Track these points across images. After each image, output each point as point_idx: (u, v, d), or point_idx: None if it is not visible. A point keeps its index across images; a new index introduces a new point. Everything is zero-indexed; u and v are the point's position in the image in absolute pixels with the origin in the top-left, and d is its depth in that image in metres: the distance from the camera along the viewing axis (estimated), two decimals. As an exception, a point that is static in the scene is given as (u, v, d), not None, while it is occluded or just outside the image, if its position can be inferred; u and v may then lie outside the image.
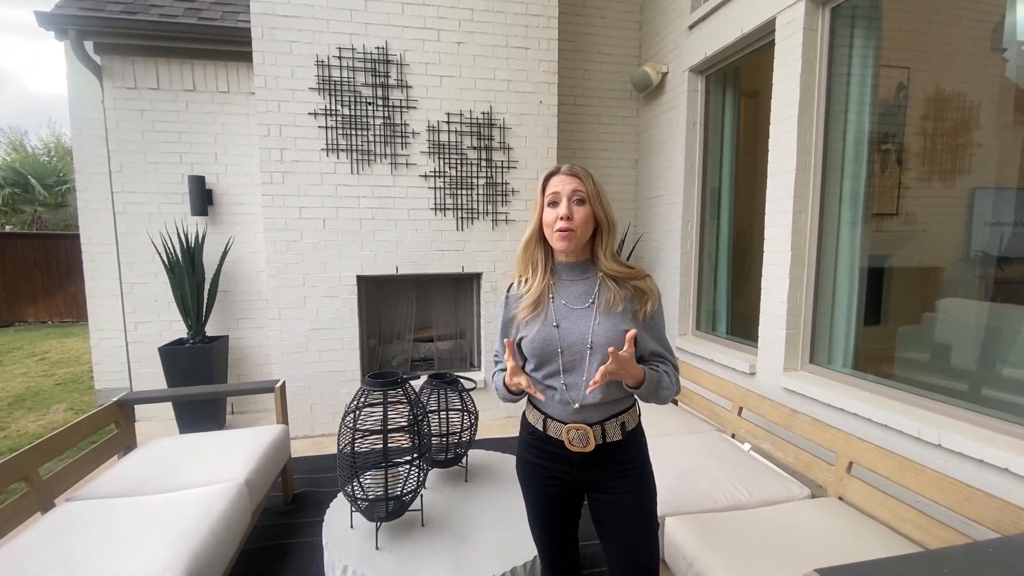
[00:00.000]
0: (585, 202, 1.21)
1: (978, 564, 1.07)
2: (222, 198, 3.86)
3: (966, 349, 2.56)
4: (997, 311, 2.53)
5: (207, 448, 2.27)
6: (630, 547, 1.24)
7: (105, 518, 1.71)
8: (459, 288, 4.01)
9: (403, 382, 1.67)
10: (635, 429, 1.29)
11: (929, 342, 2.74)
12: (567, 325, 1.23)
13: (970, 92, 2.83)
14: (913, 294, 2.98)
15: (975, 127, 2.84)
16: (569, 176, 1.23)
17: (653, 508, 1.28)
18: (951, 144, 2.89)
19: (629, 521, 1.24)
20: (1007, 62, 2.67)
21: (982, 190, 2.76)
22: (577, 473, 1.26)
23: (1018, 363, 2.26)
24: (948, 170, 2.91)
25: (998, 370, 2.33)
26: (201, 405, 3.51)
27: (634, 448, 1.27)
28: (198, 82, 3.73)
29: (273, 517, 2.50)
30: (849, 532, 1.59)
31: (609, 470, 1.24)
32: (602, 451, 1.23)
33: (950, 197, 2.90)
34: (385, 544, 1.62)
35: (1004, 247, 2.59)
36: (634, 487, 1.24)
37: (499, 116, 3.67)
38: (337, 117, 3.40)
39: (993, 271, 2.61)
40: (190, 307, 3.54)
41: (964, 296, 2.75)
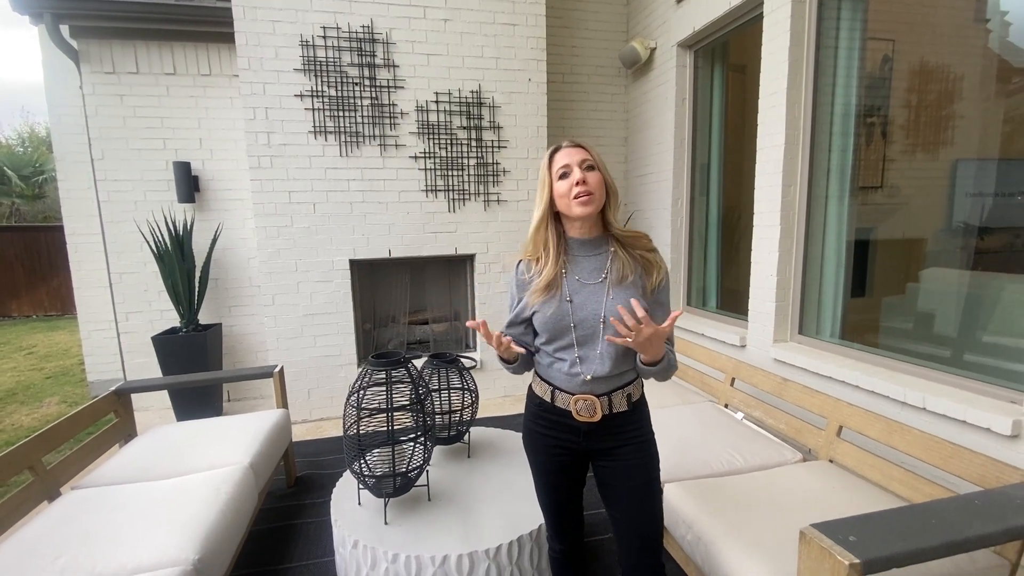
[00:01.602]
0: (595, 168, 1.23)
1: (965, 515, 1.14)
2: (209, 184, 3.80)
3: (948, 317, 2.64)
4: (977, 280, 2.61)
5: (209, 434, 2.28)
6: (634, 512, 1.28)
7: (114, 504, 1.72)
8: (452, 270, 4.02)
9: (406, 362, 1.69)
10: (639, 400, 1.32)
11: (913, 311, 2.82)
12: (580, 300, 1.25)
13: (953, 64, 2.86)
14: (898, 265, 3.04)
15: (958, 99, 2.88)
16: (574, 147, 1.25)
17: (656, 474, 1.32)
18: (935, 116, 2.92)
19: (633, 487, 1.28)
20: (990, 32, 2.70)
21: (965, 161, 2.81)
22: (583, 442, 1.29)
23: (996, 329, 2.34)
24: (932, 142, 2.95)
25: (978, 336, 2.41)
26: (198, 393, 3.51)
27: (638, 418, 1.31)
28: (179, 65, 3.64)
29: (278, 500, 2.53)
30: (840, 491, 1.66)
31: (614, 439, 1.28)
32: (608, 421, 1.27)
33: (933, 169, 2.95)
34: (393, 519, 1.66)
35: (985, 217, 2.65)
36: (638, 454, 1.29)
37: (488, 95, 3.63)
38: (324, 98, 3.35)
39: (974, 241, 2.68)
40: (182, 295, 3.51)
41: (946, 266, 2.82)
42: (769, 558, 1.35)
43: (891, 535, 1.06)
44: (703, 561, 1.50)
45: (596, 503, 1.38)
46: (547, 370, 1.31)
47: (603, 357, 1.24)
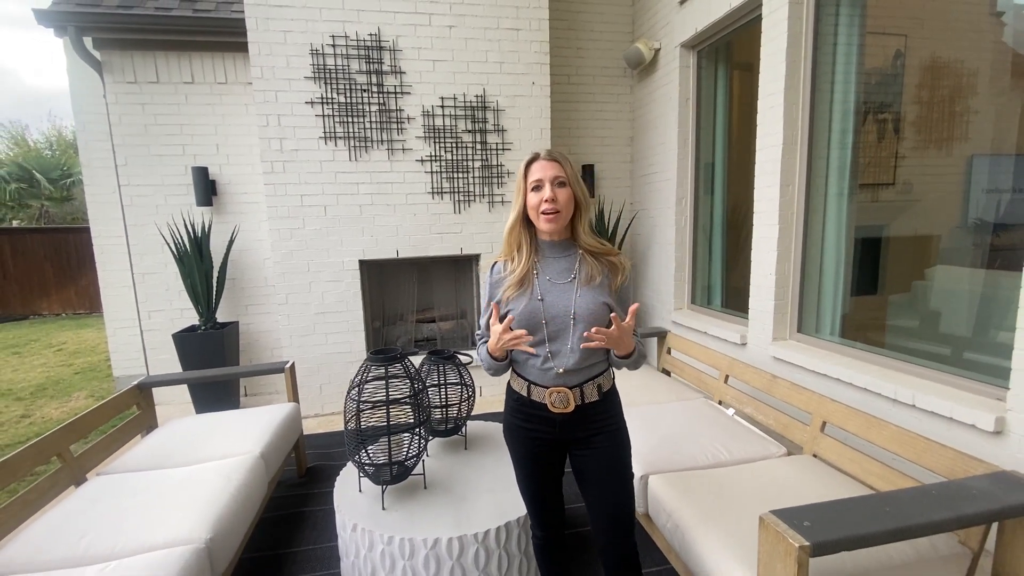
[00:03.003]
0: (566, 184, 1.31)
1: (919, 504, 1.19)
2: (225, 188, 3.97)
3: (953, 315, 2.64)
4: (986, 277, 2.60)
5: (223, 426, 2.42)
6: (607, 493, 1.37)
7: (134, 489, 1.86)
8: (459, 269, 4.12)
9: (402, 357, 1.79)
10: (610, 390, 1.40)
11: (918, 309, 2.82)
12: (551, 299, 1.34)
13: (967, 58, 2.84)
14: (907, 263, 3.03)
15: (972, 94, 2.86)
16: (549, 162, 1.32)
17: (628, 460, 1.40)
18: (948, 112, 2.91)
19: (606, 471, 1.36)
20: (1005, 26, 2.69)
21: (980, 157, 2.80)
22: (559, 432, 1.38)
23: (999, 326, 2.35)
24: (945, 138, 2.93)
25: (980, 334, 2.42)
26: (216, 388, 3.67)
27: (610, 407, 1.39)
28: (196, 74, 3.81)
29: (288, 489, 2.67)
30: (817, 484, 1.72)
31: (587, 428, 1.37)
32: (581, 411, 1.35)
33: (947, 165, 2.93)
34: (391, 505, 1.76)
35: (1001, 214, 2.65)
36: (610, 442, 1.37)
37: (492, 98, 3.72)
38: (333, 105, 3.48)
39: (989, 238, 2.68)
40: (200, 295, 3.67)
41: (959, 264, 2.81)
42: (738, 543, 1.42)
43: (843, 521, 1.13)
44: (680, 547, 1.57)
45: (578, 497, 1.46)
46: (522, 366, 1.39)
47: (573, 351, 1.32)
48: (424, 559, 1.58)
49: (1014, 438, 1.84)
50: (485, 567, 1.62)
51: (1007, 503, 1.17)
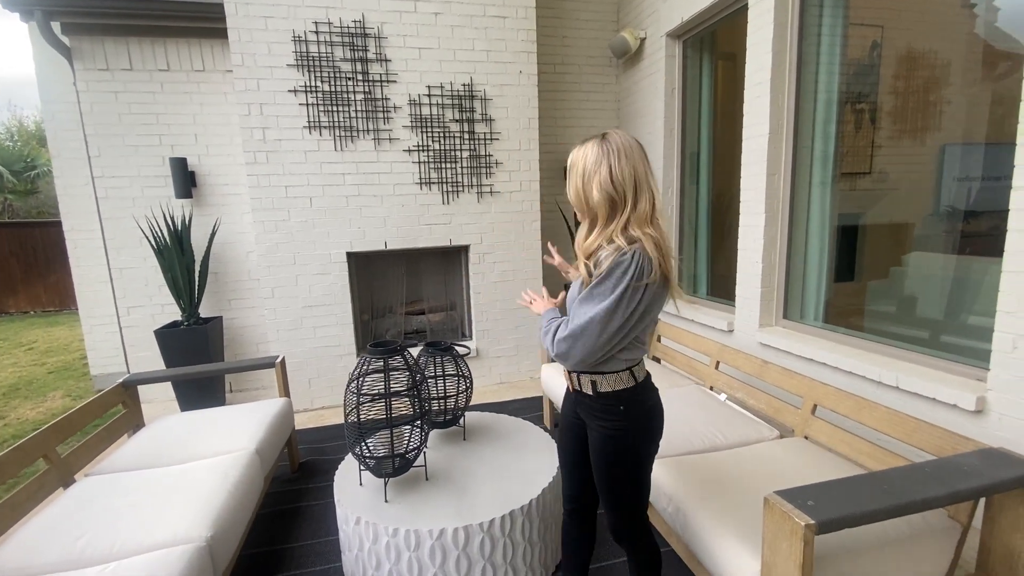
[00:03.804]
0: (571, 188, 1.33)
1: (914, 481, 1.24)
2: (205, 179, 3.86)
3: (929, 300, 2.73)
4: (960, 263, 2.69)
5: (215, 423, 2.38)
6: (600, 485, 1.41)
7: (127, 488, 1.82)
8: (448, 261, 4.10)
9: (402, 350, 1.78)
10: (609, 393, 1.32)
11: (896, 295, 2.91)
12: (572, 287, 1.42)
13: (941, 49, 2.91)
14: (884, 250, 3.11)
15: (945, 84, 2.94)
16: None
17: (619, 468, 1.35)
18: (922, 101, 2.98)
19: (595, 467, 1.40)
20: (976, 17, 2.75)
21: (951, 146, 2.88)
22: (577, 407, 1.44)
23: (972, 310, 2.44)
24: (920, 128, 3.00)
25: (956, 318, 2.51)
26: (201, 384, 3.60)
27: (605, 409, 1.33)
28: (172, 61, 3.67)
29: (282, 484, 2.64)
30: (812, 465, 1.77)
31: (588, 416, 1.40)
32: (579, 396, 1.41)
33: (921, 154, 3.01)
34: (393, 498, 1.76)
35: (972, 201, 2.73)
36: (600, 443, 1.36)
37: (480, 87, 3.69)
38: (317, 94, 3.40)
39: (961, 225, 2.77)
40: (182, 289, 3.58)
41: (932, 250, 2.90)
42: (739, 524, 1.45)
43: (845, 500, 1.17)
44: (682, 530, 1.61)
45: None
46: None
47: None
48: (430, 550, 1.59)
49: (994, 416, 1.92)
50: (491, 556, 1.63)
51: (997, 478, 1.23)
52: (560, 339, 1.28)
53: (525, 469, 1.91)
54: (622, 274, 1.20)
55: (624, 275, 1.19)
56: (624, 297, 1.20)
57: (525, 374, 4.09)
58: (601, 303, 1.21)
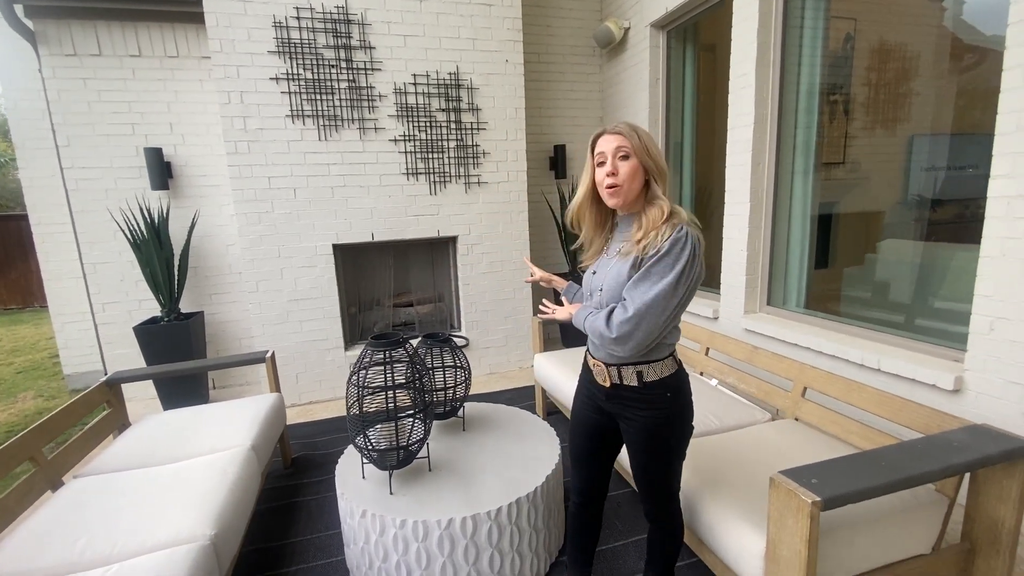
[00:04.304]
0: (629, 156, 1.27)
1: (909, 457, 1.30)
2: (182, 171, 3.73)
3: (903, 285, 2.85)
4: (930, 250, 2.80)
5: (206, 420, 2.33)
6: (639, 474, 1.43)
7: (121, 489, 1.77)
8: (435, 252, 4.07)
9: (404, 342, 1.77)
10: (656, 381, 1.32)
11: (871, 281, 3.02)
12: (600, 272, 1.38)
13: (911, 42, 3.00)
14: (858, 237, 3.22)
15: (915, 76, 3.03)
16: (613, 135, 1.29)
17: (666, 452, 1.37)
18: (893, 93, 3.07)
19: (639, 456, 1.40)
20: (945, 11, 2.85)
21: (920, 136, 2.98)
22: (606, 402, 1.41)
23: (946, 295, 2.55)
24: (890, 119, 3.10)
25: (929, 302, 2.63)
26: (184, 382, 3.51)
27: (653, 397, 1.32)
28: (144, 47, 3.52)
29: (276, 480, 2.61)
30: (805, 445, 1.84)
31: (625, 408, 1.37)
32: (619, 390, 1.36)
33: (892, 144, 3.11)
34: (397, 489, 1.76)
35: (938, 190, 2.84)
36: (645, 432, 1.35)
37: (466, 76, 3.65)
38: (300, 81, 3.31)
39: (928, 213, 2.88)
40: (161, 284, 3.47)
41: (903, 237, 3.01)
42: (742, 503, 1.51)
43: (846, 477, 1.22)
44: (687, 514, 1.65)
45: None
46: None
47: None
48: (438, 539, 1.59)
49: (971, 395, 2.03)
50: (498, 543, 1.65)
51: (985, 452, 1.30)
52: (622, 322, 1.22)
53: (527, 457, 1.93)
54: (680, 250, 1.20)
55: (683, 251, 1.20)
56: (684, 273, 1.20)
57: (515, 364, 4.11)
58: (662, 280, 1.20)
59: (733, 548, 1.44)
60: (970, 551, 1.48)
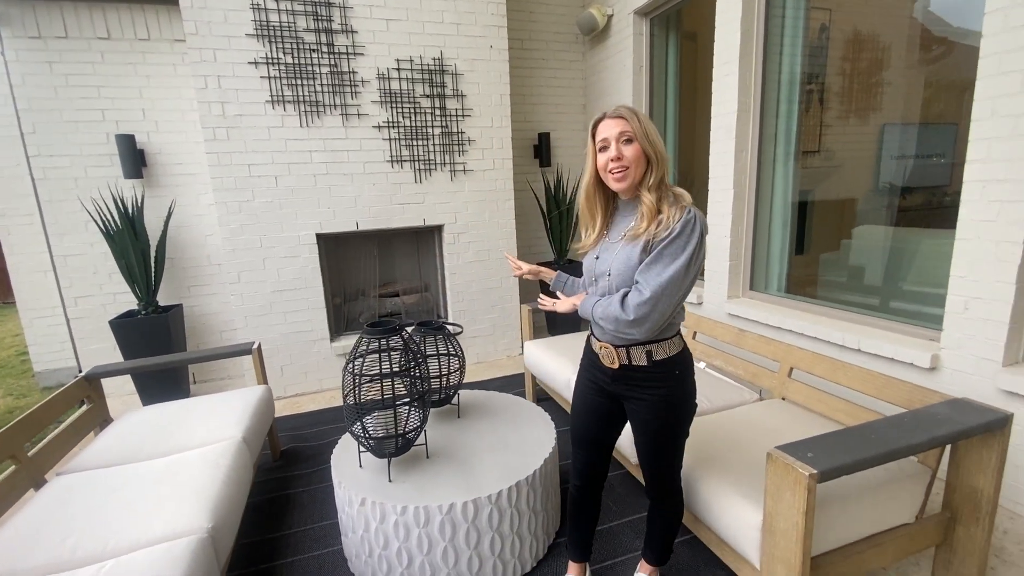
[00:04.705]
0: (633, 141, 1.27)
1: (897, 431, 1.36)
2: (156, 158, 3.60)
3: (877, 269, 2.94)
4: (901, 235, 2.90)
5: (193, 413, 2.28)
6: (648, 452, 1.45)
7: (110, 485, 1.73)
8: (421, 241, 4.03)
9: (400, 330, 1.76)
10: (665, 360, 1.34)
11: (847, 265, 3.11)
12: (604, 256, 1.38)
13: (883, 33, 3.08)
14: (834, 224, 3.31)
15: (886, 66, 3.11)
16: (614, 119, 1.29)
17: (671, 428, 1.40)
18: (866, 83, 3.15)
19: (646, 433, 1.42)
20: (915, 2, 2.92)
21: (890, 126, 3.07)
22: (612, 384, 1.43)
23: (917, 278, 2.65)
24: (863, 108, 3.18)
25: (902, 285, 2.72)
26: (164, 376, 3.42)
27: (662, 376, 1.35)
28: (113, 29, 3.37)
29: (266, 473, 2.57)
30: (793, 423, 1.90)
31: (633, 388, 1.39)
32: (627, 371, 1.38)
33: (864, 133, 3.19)
34: (396, 477, 1.75)
35: (907, 178, 2.94)
36: (652, 409, 1.37)
37: (450, 62, 3.60)
38: (280, 66, 3.22)
39: (898, 200, 2.98)
40: (138, 276, 3.36)
41: (875, 223, 3.11)
42: (738, 479, 1.55)
43: (839, 450, 1.26)
44: (685, 492, 1.69)
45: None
46: None
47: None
48: (440, 524, 1.60)
49: (947, 372, 2.12)
50: (498, 526, 1.66)
51: (966, 424, 1.36)
52: (638, 304, 1.23)
53: (524, 441, 1.94)
54: (691, 232, 1.23)
55: (693, 232, 1.23)
56: (695, 253, 1.23)
57: (502, 353, 4.12)
58: (675, 261, 1.22)
59: (730, 522, 1.49)
60: (951, 519, 1.55)
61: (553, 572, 1.79)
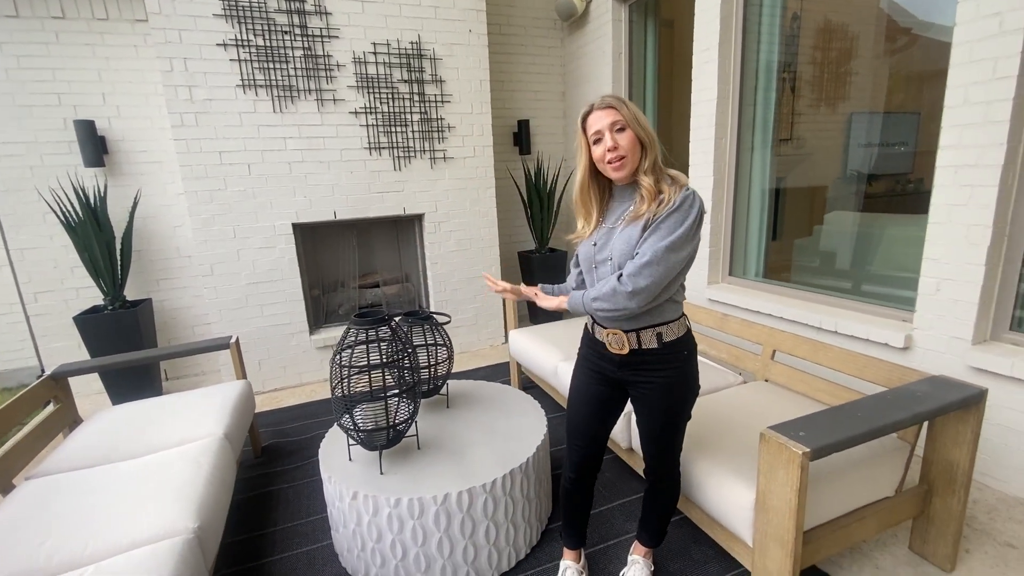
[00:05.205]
0: (626, 128, 1.27)
1: (881, 408, 1.40)
2: (119, 146, 3.42)
3: (848, 254, 3.03)
4: (867, 220, 2.99)
5: (169, 411, 2.19)
6: (655, 435, 1.46)
7: (85, 487, 1.65)
8: (401, 230, 3.96)
9: (389, 319, 1.72)
10: (673, 341, 1.36)
11: (819, 250, 3.20)
12: (602, 242, 1.37)
13: (851, 23, 3.14)
14: (806, 210, 3.39)
15: (854, 56, 3.18)
16: (604, 110, 1.29)
17: (680, 409, 1.43)
18: (835, 72, 3.22)
19: (654, 417, 1.43)
20: (883, -6, 2.98)
21: (858, 115, 3.15)
22: (617, 371, 1.42)
23: (883, 262, 2.74)
24: (832, 97, 3.25)
25: (871, 269, 2.82)
26: (135, 373, 3.29)
27: (671, 357, 1.36)
28: (67, 7, 3.16)
29: (249, 470, 2.51)
30: (777, 404, 1.94)
31: (643, 373, 1.39)
32: (637, 355, 1.37)
33: (833, 122, 3.26)
34: (387, 469, 1.73)
35: (872, 165, 3.03)
36: (663, 392, 1.39)
37: (428, 46, 3.52)
38: (251, 48, 3.09)
39: (864, 187, 3.07)
40: (103, 270, 3.20)
41: (844, 209, 3.20)
42: (729, 459, 1.58)
43: (829, 429, 1.30)
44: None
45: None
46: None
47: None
48: (434, 515, 1.58)
49: (919, 351, 2.20)
50: (493, 515, 1.66)
51: (946, 400, 1.41)
52: (631, 275, 1.24)
53: (515, 429, 1.94)
54: (690, 206, 1.25)
55: (692, 206, 1.25)
56: (693, 227, 1.25)
57: (485, 342, 4.11)
58: (672, 233, 1.23)
59: (721, 501, 1.52)
60: (927, 491, 1.62)
61: (547, 558, 1.80)
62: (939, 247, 2.09)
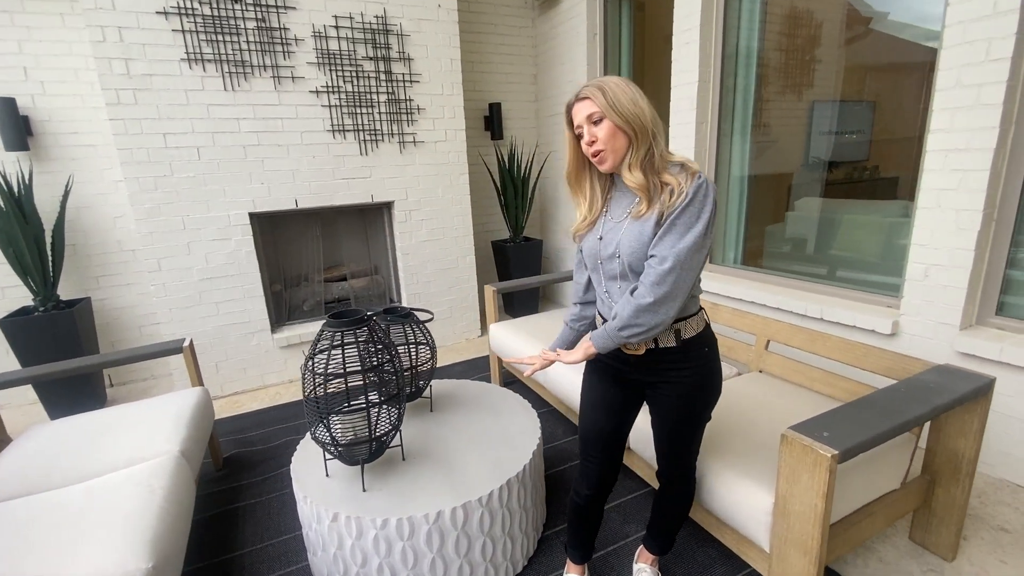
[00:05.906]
0: (602, 119, 1.15)
1: (899, 402, 1.34)
2: (45, 127, 3.04)
3: (820, 239, 3.04)
4: (838, 207, 3.00)
5: (115, 425, 1.94)
6: (672, 437, 1.36)
7: (16, 521, 1.41)
8: (368, 219, 3.73)
9: (369, 319, 1.54)
10: (693, 338, 1.27)
11: (793, 237, 3.20)
12: (608, 237, 1.26)
13: (816, 10, 3.12)
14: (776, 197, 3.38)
15: (818, 44, 3.17)
16: (580, 102, 1.20)
17: (699, 410, 1.33)
18: (799, 60, 3.20)
19: (671, 420, 1.33)
20: (844, -19, 2.96)
21: (820, 103, 3.15)
22: (633, 372, 1.32)
23: (855, 247, 2.75)
24: (797, 84, 3.24)
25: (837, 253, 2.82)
26: (75, 382, 2.96)
27: (690, 356, 1.27)
28: (-25, -34, 2.76)
29: (210, 486, 2.28)
30: (774, 396, 1.89)
31: (661, 373, 1.29)
32: (654, 355, 1.27)
33: (797, 110, 3.26)
34: (370, 484, 1.57)
35: (831, 153, 3.04)
36: (683, 392, 1.29)
37: (395, 21, 3.28)
38: (195, 17, 2.78)
39: (825, 174, 3.08)
40: (31, 267, 2.85)
41: (809, 196, 3.21)
42: (737, 459, 1.51)
43: (853, 427, 1.23)
44: (677, 474, 1.63)
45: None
46: (599, 303, 1.36)
47: (623, 292, 1.24)
48: (426, 535, 1.44)
49: (905, 337, 2.20)
50: (490, 530, 1.53)
51: (960, 392, 1.37)
52: (654, 283, 1.13)
53: (507, 433, 1.81)
54: (704, 197, 1.13)
55: (707, 197, 1.13)
56: (710, 220, 1.14)
57: (461, 336, 3.95)
58: (692, 229, 1.12)
59: (733, 504, 1.44)
60: (931, 482, 1.60)
61: (545, 568, 1.69)
62: (928, 232, 2.08)
